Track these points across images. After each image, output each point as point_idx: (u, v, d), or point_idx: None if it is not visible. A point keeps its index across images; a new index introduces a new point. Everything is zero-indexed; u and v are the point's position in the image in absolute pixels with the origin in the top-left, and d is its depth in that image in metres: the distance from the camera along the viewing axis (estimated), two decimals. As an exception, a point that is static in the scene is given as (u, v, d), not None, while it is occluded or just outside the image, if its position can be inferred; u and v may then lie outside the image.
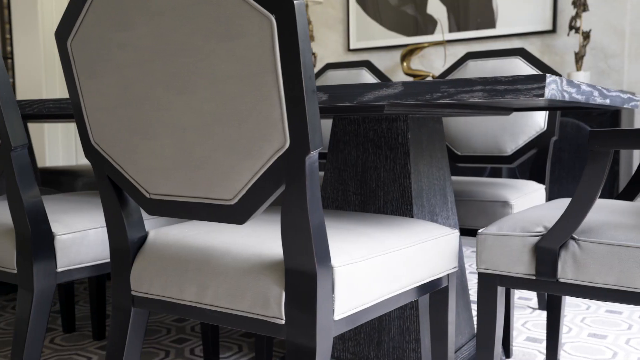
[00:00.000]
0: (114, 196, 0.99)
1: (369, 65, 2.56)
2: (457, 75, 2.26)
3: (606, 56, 3.77)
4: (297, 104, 0.76)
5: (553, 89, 0.89)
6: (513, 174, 3.35)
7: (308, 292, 0.83)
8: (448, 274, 1.19)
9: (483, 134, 2.13)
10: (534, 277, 1.11)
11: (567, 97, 0.96)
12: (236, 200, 0.85)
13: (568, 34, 3.72)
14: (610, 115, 3.36)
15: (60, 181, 2.52)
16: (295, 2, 0.73)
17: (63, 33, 0.96)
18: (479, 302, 1.18)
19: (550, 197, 3.48)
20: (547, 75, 0.86)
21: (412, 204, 1.39)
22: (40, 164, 4.15)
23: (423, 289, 1.12)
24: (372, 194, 1.45)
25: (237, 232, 1.02)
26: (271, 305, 0.86)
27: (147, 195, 0.95)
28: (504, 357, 1.66)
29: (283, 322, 0.86)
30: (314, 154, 0.80)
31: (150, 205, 0.95)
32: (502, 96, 0.89)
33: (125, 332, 1.02)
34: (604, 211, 1.20)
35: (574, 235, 1.07)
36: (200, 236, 1.01)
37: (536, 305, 2.16)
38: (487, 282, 1.16)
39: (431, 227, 1.17)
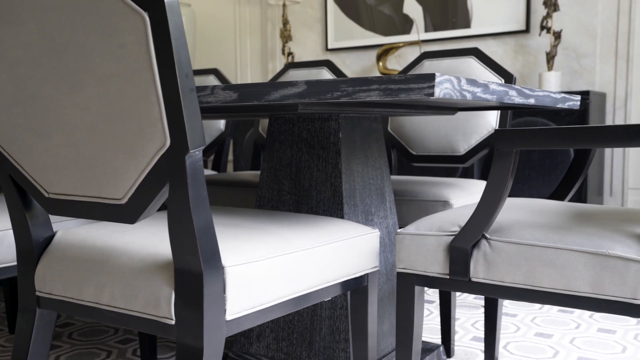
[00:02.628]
0: (17, 195, 0.98)
1: (329, 65, 2.56)
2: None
3: (578, 56, 3.78)
4: (175, 102, 0.76)
5: (447, 88, 0.89)
6: (471, 174, 3.34)
7: (196, 292, 0.83)
8: (368, 274, 1.19)
9: (436, 134, 2.13)
10: (448, 277, 1.11)
11: (469, 97, 0.96)
12: (126, 199, 0.85)
13: (540, 34, 3.72)
14: (579, 115, 3.36)
15: None
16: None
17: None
18: (397, 301, 1.18)
19: (518, 197, 3.48)
20: (437, 74, 0.86)
21: (342, 204, 1.39)
22: None
23: (338, 288, 1.12)
24: (306, 193, 1.45)
25: (141, 231, 1.02)
26: (162, 305, 0.86)
27: (46, 195, 0.94)
28: (444, 357, 1.66)
29: (173, 322, 0.86)
30: (196, 153, 0.79)
31: (49, 205, 0.94)
32: (396, 95, 0.89)
33: (30, 333, 1.01)
34: (523, 211, 1.20)
35: (486, 235, 1.07)
36: (104, 236, 1.00)
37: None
38: (405, 281, 1.16)
39: (349, 226, 1.17)
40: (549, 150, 3.40)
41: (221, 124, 2.83)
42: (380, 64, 4.38)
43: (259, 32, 5.17)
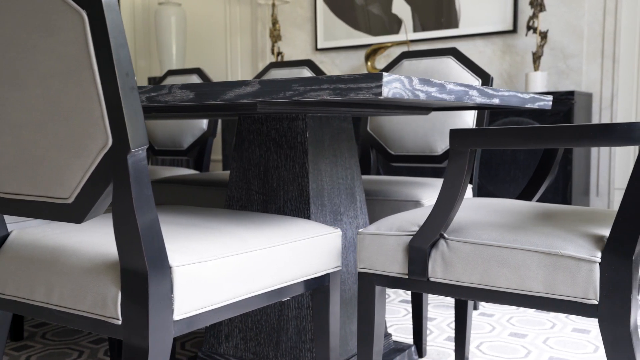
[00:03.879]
0: (-31, 195, 0.98)
1: (310, 65, 2.56)
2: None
3: (565, 56, 3.78)
4: (116, 101, 0.76)
5: (397, 87, 0.89)
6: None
7: (141, 292, 0.83)
8: (329, 274, 1.19)
9: (414, 134, 2.13)
10: (407, 277, 1.11)
11: (422, 97, 0.96)
12: (72, 199, 0.85)
13: (526, 34, 3.72)
14: (564, 115, 3.37)
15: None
16: (104, -2, 0.72)
17: None
18: (358, 301, 1.17)
19: (503, 197, 3.49)
20: (385, 74, 0.85)
21: (309, 203, 1.39)
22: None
23: (298, 288, 1.11)
24: (274, 193, 1.44)
25: (94, 231, 1.01)
26: (108, 305, 0.86)
27: (-3, 194, 0.94)
28: (416, 357, 1.66)
29: (120, 322, 0.85)
30: (139, 152, 0.79)
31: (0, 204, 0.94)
32: (345, 94, 0.89)
33: (-16, 332, 1.01)
34: (486, 211, 1.20)
35: (444, 235, 1.07)
36: (58, 236, 1.00)
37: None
38: (365, 281, 1.16)
39: (311, 226, 1.17)
40: (534, 150, 3.40)
41: (204, 123, 2.82)
42: (369, 63, 4.38)
43: (249, 31, 5.16)
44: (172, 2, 5.07)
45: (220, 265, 0.94)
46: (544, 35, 3.61)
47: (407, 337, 1.85)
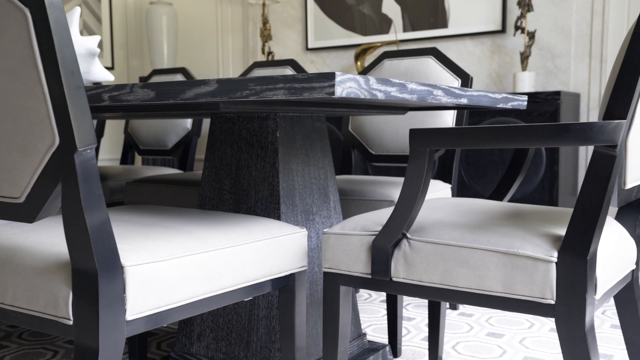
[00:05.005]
0: None
1: (293, 64, 2.55)
2: (373, 74, 2.25)
3: (553, 56, 3.78)
4: (61, 100, 0.75)
5: (351, 87, 0.88)
6: (437, 173, 3.33)
7: (91, 292, 0.82)
8: (294, 273, 1.18)
9: (395, 134, 2.13)
10: (370, 277, 1.11)
11: (381, 97, 0.96)
12: (23, 198, 0.84)
13: (514, 34, 3.72)
14: (550, 115, 3.37)
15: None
16: (47, -4, 0.71)
17: None
18: (323, 301, 1.17)
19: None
20: (338, 73, 0.85)
21: (279, 203, 1.38)
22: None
23: (260, 288, 1.11)
24: (245, 193, 1.44)
25: (50, 231, 1.01)
26: (60, 305, 0.85)
27: (-48, 193, 0.93)
28: (391, 357, 1.66)
29: (71, 322, 0.85)
30: (87, 152, 0.78)
31: (-45, 204, 0.93)
32: (300, 94, 0.88)
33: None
34: (451, 211, 1.19)
35: (407, 235, 1.07)
36: (14, 235, 0.99)
37: (447, 304, 2.16)
38: (330, 281, 1.16)
39: (275, 226, 1.16)
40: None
41: (188, 123, 2.82)
42: (359, 63, 4.38)
43: (240, 31, 5.16)
44: (164, 1, 5.06)
45: (176, 265, 0.93)
46: (531, 36, 3.61)
47: (385, 337, 1.84)
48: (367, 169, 3.87)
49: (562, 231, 0.98)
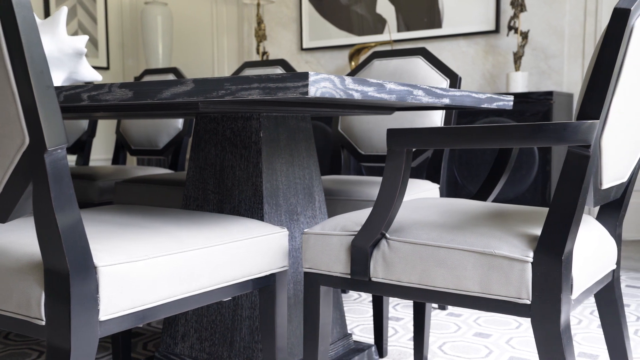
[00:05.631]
0: None
1: (283, 64, 2.55)
2: (362, 73, 2.25)
3: (546, 57, 3.78)
4: (30, 100, 0.75)
5: (326, 86, 0.88)
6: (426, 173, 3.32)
7: (63, 292, 0.82)
8: (275, 274, 1.18)
9: (383, 133, 2.13)
10: (349, 277, 1.10)
11: (357, 96, 0.96)
12: (-4, 198, 0.84)
13: (507, 34, 3.72)
14: (543, 115, 3.37)
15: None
16: (15, -4, 0.71)
17: None
18: (304, 301, 1.17)
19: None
20: (311, 73, 0.85)
21: (263, 203, 1.38)
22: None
23: (240, 288, 1.11)
24: (229, 193, 1.44)
25: (26, 231, 1.00)
26: (32, 306, 0.85)
27: None
28: (376, 357, 1.65)
29: (43, 323, 0.85)
30: (57, 151, 0.78)
31: None
32: (274, 94, 0.88)
33: None
34: (431, 211, 1.19)
35: (386, 235, 1.07)
36: (-9, 235, 0.99)
37: (436, 305, 2.16)
38: (310, 281, 1.15)
39: (255, 226, 1.16)
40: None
41: (179, 123, 2.82)
42: (353, 63, 4.38)
43: (235, 31, 5.15)
44: (159, 1, 5.06)
45: (152, 265, 0.93)
46: (524, 36, 3.61)
47: (372, 338, 1.84)
48: (361, 169, 3.87)
49: (539, 231, 0.98)
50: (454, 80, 2.03)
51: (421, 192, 1.88)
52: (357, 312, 2.10)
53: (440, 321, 1.98)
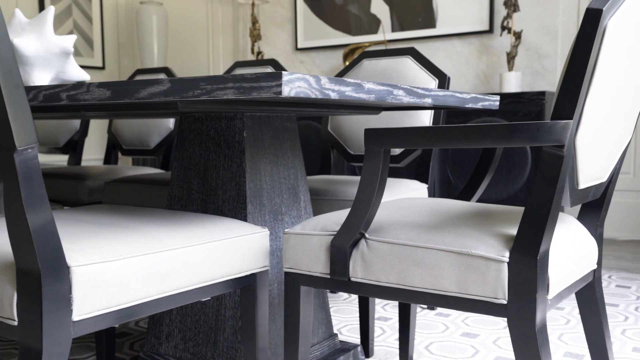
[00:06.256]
0: None
1: (274, 64, 2.55)
2: (352, 73, 2.25)
3: (540, 57, 3.78)
4: None
5: (300, 86, 0.88)
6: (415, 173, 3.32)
7: (35, 292, 0.82)
8: (255, 273, 1.18)
9: (372, 133, 2.12)
10: (329, 277, 1.10)
11: (334, 96, 0.95)
12: (-32, 198, 0.84)
13: (501, 34, 3.72)
14: (535, 115, 3.37)
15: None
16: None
17: None
18: (284, 301, 1.17)
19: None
20: (285, 73, 0.85)
21: (246, 203, 1.38)
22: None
23: (219, 288, 1.10)
24: (213, 192, 1.44)
25: (2, 231, 1.00)
26: (5, 306, 0.85)
27: None
28: (362, 357, 1.65)
29: (16, 323, 0.84)
30: (28, 151, 0.78)
31: None
32: (249, 93, 0.88)
33: None
34: (412, 211, 1.19)
35: (365, 235, 1.07)
36: (-33, 235, 0.99)
37: (425, 305, 2.16)
38: (291, 281, 1.15)
39: (236, 226, 1.16)
40: (507, 151, 3.40)
41: (170, 122, 2.81)
42: (347, 63, 4.38)
43: (230, 31, 5.15)
44: (154, 1, 5.06)
45: (127, 265, 0.93)
46: (518, 36, 3.61)
47: (359, 338, 1.84)
48: (354, 168, 3.87)
49: (514, 231, 0.98)
50: (443, 80, 2.03)
51: (408, 192, 1.88)
52: (346, 312, 2.10)
53: (428, 321, 1.97)
